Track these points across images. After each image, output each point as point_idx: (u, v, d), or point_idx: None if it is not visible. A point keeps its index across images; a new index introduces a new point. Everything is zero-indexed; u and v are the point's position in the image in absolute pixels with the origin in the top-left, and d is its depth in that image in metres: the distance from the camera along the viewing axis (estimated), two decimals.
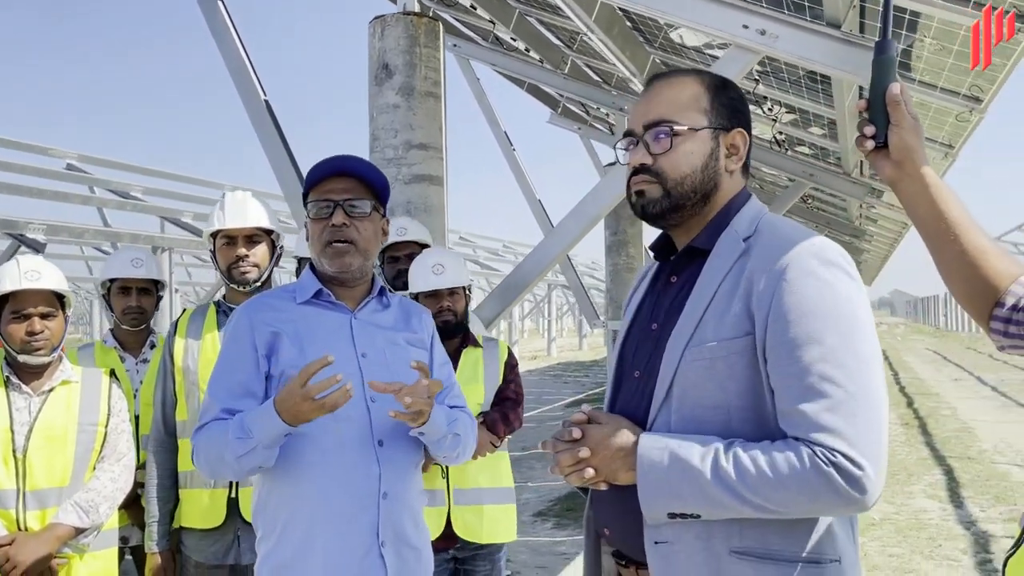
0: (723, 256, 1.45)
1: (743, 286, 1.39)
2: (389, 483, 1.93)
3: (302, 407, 1.76)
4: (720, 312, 1.40)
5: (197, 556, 2.61)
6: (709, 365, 1.39)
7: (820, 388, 1.30)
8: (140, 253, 3.40)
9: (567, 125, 10.40)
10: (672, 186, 1.48)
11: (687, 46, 5.88)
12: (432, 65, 3.83)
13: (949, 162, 5.38)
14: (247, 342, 1.95)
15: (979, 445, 9.72)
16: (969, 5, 3.03)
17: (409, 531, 1.98)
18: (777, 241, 1.41)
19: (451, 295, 2.92)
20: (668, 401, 1.43)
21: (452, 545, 2.83)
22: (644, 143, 1.50)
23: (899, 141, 1.38)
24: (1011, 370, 19.42)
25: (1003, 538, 5.93)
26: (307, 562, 1.89)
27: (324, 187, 2.00)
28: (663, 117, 1.49)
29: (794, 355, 1.32)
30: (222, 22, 4.24)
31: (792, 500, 1.30)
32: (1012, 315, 1.35)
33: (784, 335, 1.33)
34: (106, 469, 2.62)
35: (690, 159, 1.48)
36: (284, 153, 4.11)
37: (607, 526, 1.55)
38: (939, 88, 4.09)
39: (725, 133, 1.51)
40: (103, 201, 11.43)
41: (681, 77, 1.54)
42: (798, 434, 1.30)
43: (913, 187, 1.40)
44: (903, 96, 1.37)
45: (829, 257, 1.38)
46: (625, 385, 1.56)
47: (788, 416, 1.32)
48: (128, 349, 3.41)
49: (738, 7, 3.34)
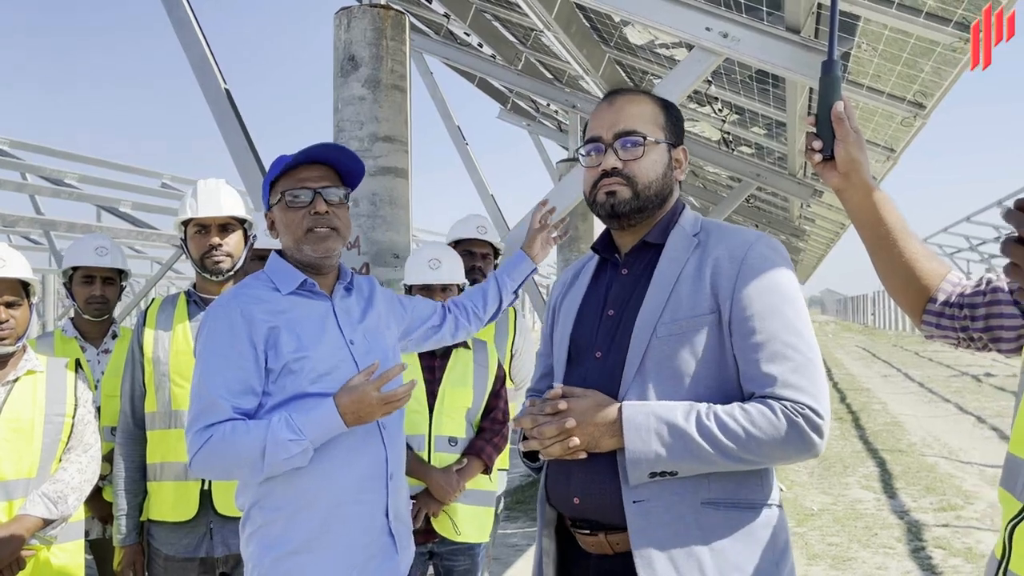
0: (678, 249, 1.67)
1: (708, 271, 1.61)
2: (393, 464, 2.04)
3: (375, 408, 1.89)
4: (687, 293, 1.60)
5: (167, 549, 2.57)
6: (680, 338, 1.58)
7: (785, 353, 1.52)
8: (104, 241, 3.30)
9: (516, 121, 10.45)
10: (641, 189, 1.68)
11: (638, 45, 5.99)
12: (398, 58, 3.83)
13: (891, 165, 5.60)
14: (244, 338, 1.93)
15: (908, 438, 10.13)
16: (921, 16, 3.18)
17: (404, 510, 2.11)
18: (729, 235, 1.66)
19: (443, 291, 2.95)
20: (640, 374, 1.59)
21: (431, 540, 2.86)
22: (613, 150, 1.69)
23: (845, 155, 1.51)
24: (935, 367, 20.23)
25: (934, 526, 6.21)
26: (324, 545, 1.92)
27: (297, 175, 2.01)
28: (634, 128, 1.69)
29: (760, 325, 1.54)
30: (182, 9, 4.16)
31: (767, 449, 1.50)
32: (944, 309, 1.50)
33: (748, 309, 1.55)
34: (73, 460, 2.57)
35: (655, 167, 1.70)
36: (245, 144, 4.06)
37: (577, 496, 1.63)
38: (885, 94, 4.27)
39: (674, 148, 1.75)
40: (36, 188, 11.04)
41: (640, 95, 1.76)
42: (767, 392, 1.51)
43: (857, 196, 1.53)
44: (847, 113, 1.50)
45: (776, 247, 1.64)
46: (584, 364, 1.71)
47: (757, 378, 1.53)
48: (89, 339, 3.33)
49: (701, 10, 3.43)
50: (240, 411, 1.89)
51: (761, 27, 3.37)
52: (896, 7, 3.22)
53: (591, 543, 1.64)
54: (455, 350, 2.97)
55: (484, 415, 2.99)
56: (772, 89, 5.47)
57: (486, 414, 2.99)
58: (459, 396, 2.91)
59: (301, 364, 1.92)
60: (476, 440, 2.94)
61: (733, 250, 1.61)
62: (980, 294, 1.47)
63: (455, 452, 2.89)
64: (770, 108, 5.97)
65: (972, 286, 1.50)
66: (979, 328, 1.46)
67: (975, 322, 1.46)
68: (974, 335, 1.47)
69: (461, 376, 2.94)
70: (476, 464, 2.89)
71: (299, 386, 1.92)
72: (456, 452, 2.89)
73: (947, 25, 3.17)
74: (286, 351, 1.92)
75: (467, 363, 2.98)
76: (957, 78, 3.65)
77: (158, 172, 14.08)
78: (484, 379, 2.99)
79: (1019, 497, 1.19)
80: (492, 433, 2.97)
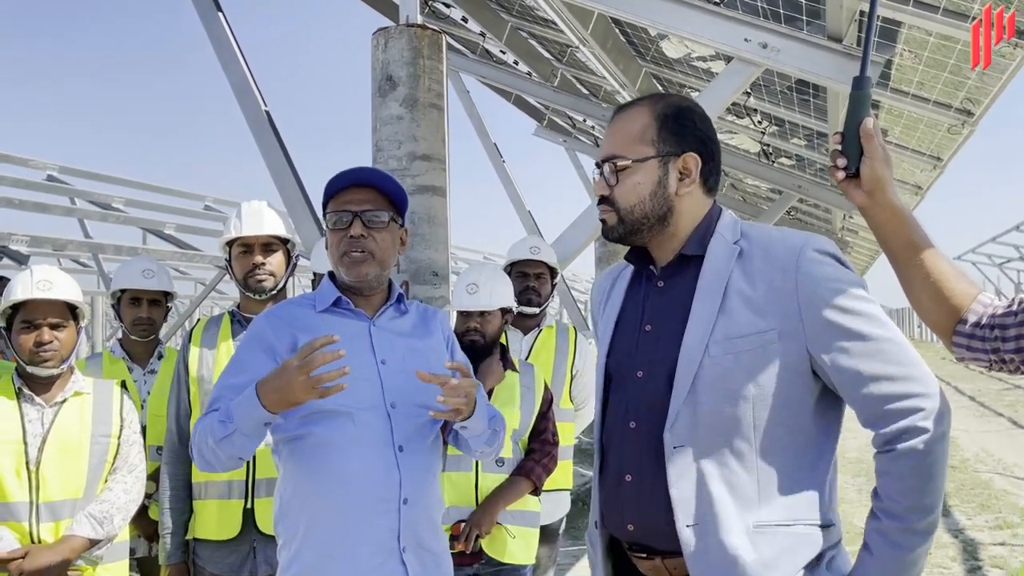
0: (720, 259, 1.57)
1: (761, 284, 1.51)
2: (409, 489, 1.95)
3: (294, 382, 1.71)
4: (738, 308, 1.51)
5: (212, 568, 2.58)
6: (735, 359, 1.49)
7: (872, 365, 1.45)
8: (151, 264, 3.38)
9: (552, 137, 10.46)
10: (624, 214, 1.62)
11: (675, 59, 5.96)
12: (435, 77, 3.84)
13: (937, 174, 5.48)
14: (261, 345, 1.96)
15: (961, 454, 9.85)
16: (968, 21, 3.11)
17: (428, 537, 2.00)
18: (774, 242, 1.55)
19: (481, 316, 2.89)
20: (692, 396, 1.51)
21: (477, 560, 2.83)
22: (603, 176, 1.64)
23: (871, 172, 1.48)
24: (987, 380, 19.70)
25: (990, 545, 6.02)
26: (330, 568, 1.90)
27: (342, 198, 2.01)
28: (612, 153, 1.62)
29: (834, 343, 1.46)
30: (222, 32, 4.23)
31: (929, 491, 1.43)
32: (975, 331, 1.46)
33: (816, 324, 1.47)
34: (119, 480, 2.60)
35: (637, 189, 1.60)
36: (286, 165, 4.10)
37: (631, 522, 1.59)
38: (932, 101, 4.18)
39: (675, 158, 1.60)
40: (85, 213, 11.31)
41: (636, 108, 1.64)
42: (879, 421, 1.44)
43: (882, 215, 1.51)
44: (875, 130, 1.47)
45: (824, 246, 1.54)
46: (625, 388, 1.63)
47: (859, 403, 1.47)
48: (136, 360, 3.39)
49: (739, 21, 3.40)
50: None
51: (801, 36, 3.32)
52: (941, 12, 3.15)
53: (649, 567, 1.60)
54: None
55: (533, 436, 2.96)
56: (812, 100, 5.39)
57: (535, 436, 2.96)
58: (506, 417, 2.87)
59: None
60: (526, 461, 2.91)
61: (782, 262, 1.51)
62: (1012, 314, 1.42)
63: (503, 472, 2.86)
64: (811, 119, 5.88)
65: (1004, 307, 1.46)
66: (1010, 349, 1.42)
67: (1006, 343, 1.42)
68: (1005, 357, 1.43)
69: (508, 398, 2.90)
70: (524, 484, 2.85)
71: (315, 402, 1.85)
72: (504, 472, 2.86)
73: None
74: None
75: (514, 385, 2.94)
76: (1007, 84, 3.56)
77: (202, 195, 14.36)
78: (531, 401, 2.95)
79: None
80: (542, 454, 2.93)
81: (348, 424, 1.90)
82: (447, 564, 2.07)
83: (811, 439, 1.52)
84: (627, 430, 1.61)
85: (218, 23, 4.25)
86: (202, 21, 4.27)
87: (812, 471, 1.51)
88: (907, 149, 5.60)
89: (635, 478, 1.58)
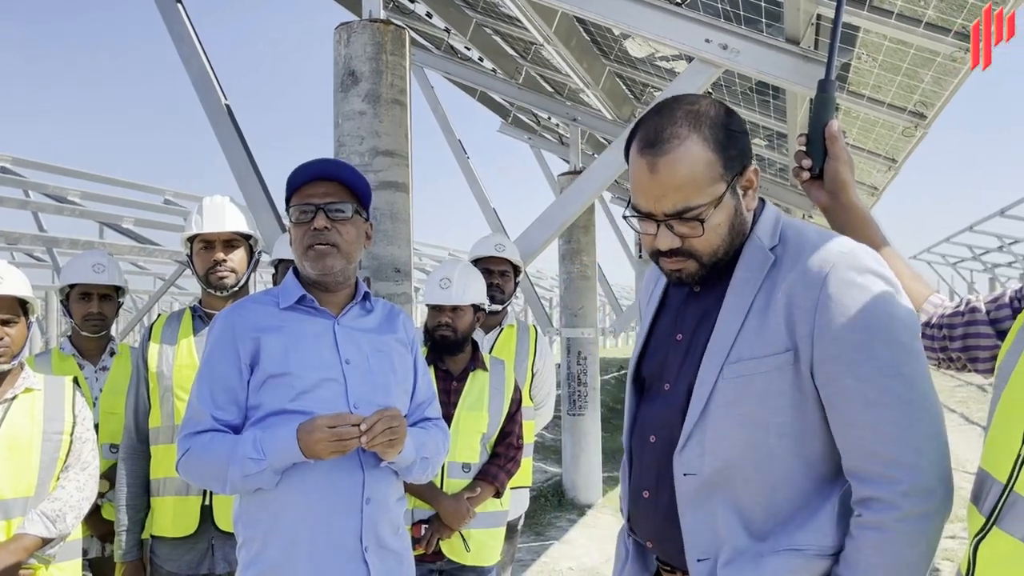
0: (752, 269, 1.43)
1: (781, 301, 1.37)
2: (372, 489, 1.95)
3: (326, 448, 1.83)
4: (757, 328, 1.39)
5: (169, 566, 2.56)
6: (748, 382, 1.38)
7: (873, 412, 1.31)
8: (102, 258, 3.29)
9: (517, 135, 10.46)
10: (708, 260, 1.44)
11: (639, 58, 5.99)
12: (398, 73, 3.83)
13: (892, 175, 5.59)
14: (230, 349, 1.94)
15: None
16: (920, 26, 3.18)
17: (390, 536, 2.01)
18: (807, 250, 1.39)
19: (453, 311, 2.88)
20: (704, 419, 1.42)
21: (439, 558, 2.83)
22: (668, 227, 1.42)
23: (834, 173, 1.51)
24: (940, 377, 20.12)
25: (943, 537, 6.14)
26: (292, 567, 1.89)
27: (305, 191, 2.00)
28: (687, 205, 1.38)
29: (844, 371, 1.32)
30: (182, 24, 4.17)
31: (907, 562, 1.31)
32: (925, 330, 1.50)
33: (831, 350, 1.33)
34: (71, 478, 2.55)
35: (719, 230, 1.41)
36: (247, 159, 4.06)
37: (650, 539, 1.57)
38: (886, 104, 4.26)
39: (740, 177, 1.43)
40: (39, 206, 11.06)
41: (685, 146, 1.37)
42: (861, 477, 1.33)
43: (844, 216, 1.54)
44: (839, 133, 1.49)
45: (864, 265, 1.36)
46: (654, 400, 1.56)
47: (847, 448, 1.35)
48: (87, 356, 3.31)
49: (701, 22, 3.43)
50: (222, 422, 1.90)
51: (760, 39, 3.37)
52: (896, 18, 3.22)
53: None
54: (473, 373, 2.92)
55: (499, 440, 2.95)
56: (773, 100, 5.47)
57: (501, 439, 2.94)
58: (475, 421, 2.86)
59: (282, 380, 1.91)
60: (489, 465, 2.90)
61: (809, 275, 1.36)
62: (959, 315, 1.47)
63: (467, 478, 2.85)
64: (771, 119, 5.97)
65: (952, 307, 1.51)
66: (957, 348, 1.47)
67: (953, 342, 1.47)
68: (953, 355, 1.48)
69: (477, 400, 2.88)
70: (488, 490, 2.85)
71: (278, 402, 1.90)
72: (468, 478, 2.85)
73: (947, 35, 3.17)
74: (268, 365, 1.91)
75: (483, 387, 2.92)
76: (958, 88, 3.65)
77: (161, 188, 14.10)
78: (500, 403, 2.94)
79: (983, 512, 1.18)
80: (505, 459, 2.93)
81: None
82: (409, 563, 2.09)
83: (827, 465, 1.40)
84: (647, 443, 1.55)
85: (177, 14, 4.19)
86: (161, 13, 4.20)
87: (828, 497, 1.40)
88: (863, 150, 5.70)
89: (652, 496, 1.52)
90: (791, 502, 1.39)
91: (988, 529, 1.15)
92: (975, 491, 1.23)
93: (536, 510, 6.99)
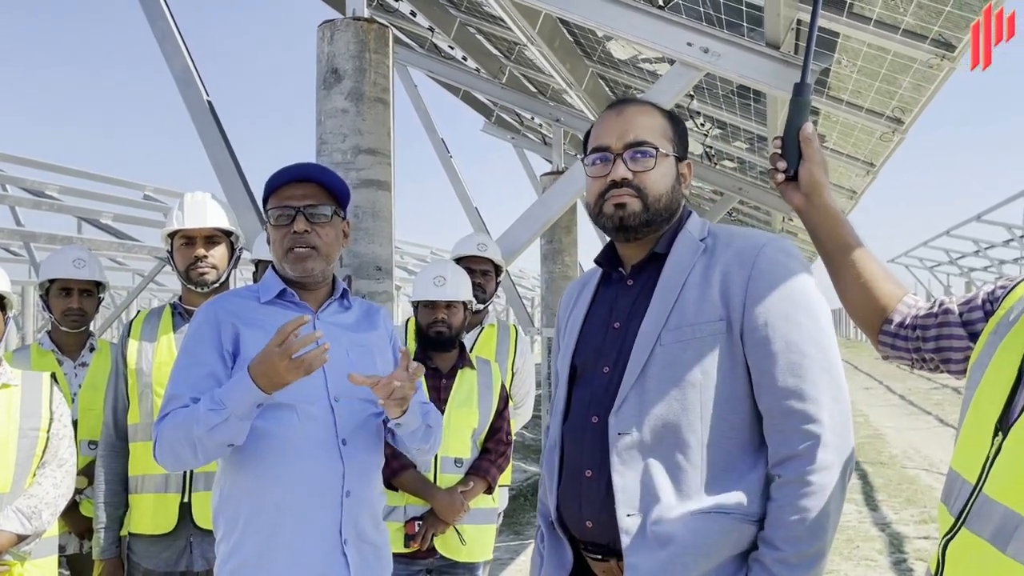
0: (684, 254, 1.60)
1: (717, 276, 1.54)
2: (352, 482, 1.96)
3: (279, 366, 1.74)
4: (693, 299, 1.54)
5: (147, 563, 2.55)
6: (683, 346, 1.52)
7: (801, 364, 1.48)
8: (82, 253, 3.27)
9: (500, 134, 10.47)
10: (651, 201, 1.61)
11: (622, 60, 6.02)
12: (381, 71, 3.83)
13: (871, 180, 5.65)
14: (212, 337, 1.95)
15: (889, 450, 10.18)
16: (898, 33, 3.22)
17: (369, 529, 2.02)
18: (738, 238, 1.59)
19: (448, 308, 2.97)
20: (640, 383, 1.54)
21: (431, 555, 2.85)
22: (623, 160, 1.61)
23: (809, 175, 1.55)
24: (917, 379, 20.36)
25: (915, 538, 6.24)
26: (271, 560, 1.90)
27: (284, 193, 2.01)
28: (645, 139, 1.61)
29: (772, 335, 1.50)
30: (164, 20, 4.14)
31: (821, 518, 1.45)
32: (899, 331, 1.54)
33: (760, 318, 1.50)
34: (48, 475, 2.54)
35: (665, 179, 1.63)
36: (228, 156, 4.04)
37: (589, 519, 1.60)
38: (865, 109, 4.31)
39: (680, 162, 1.67)
40: (17, 200, 10.94)
41: (649, 106, 1.68)
42: (779, 417, 1.48)
43: (818, 217, 1.58)
44: (813, 135, 1.54)
45: (788, 249, 1.58)
46: (592, 383, 1.64)
47: (770, 393, 1.49)
48: (66, 352, 3.29)
49: (683, 25, 3.46)
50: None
51: (741, 43, 3.40)
52: (874, 24, 3.26)
53: (603, 569, 1.61)
54: (461, 371, 3.00)
55: (488, 436, 3.02)
56: (753, 104, 5.51)
57: (491, 435, 3.02)
58: (465, 417, 2.93)
59: None
60: (480, 461, 2.97)
61: (742, 254, 1.55)
62: (932, 316, 1.50)
63: (459, 472, 2.91)
64: (752, 123, 6.01)
65: (926, 308, 1.53)
66: (930, 349, 1.49)
67: (926, 343, 1.49)
68: (926, 356, 1.51)
69: (467, 397, 2.96)
70: (480, 485, 2.92)
71: None
72: (460, 472, 2.91)
73: (924, 42, 3.21)
74: (248, 356, 1.90)
75: (472, 384, 3.00)
76: (935, 94, 3.70)
77: (141, 184, 13.98)
78: (489, 400, 3.02)
79: (952, 512, 1.20)
80: (496, 454, 3.00)
81: (291, 417, 1.91)
82: (387, 557, 2.10)
83: (755, 433, 1.52)
84: (588, 425, 1.61)
85: (159, 10, 4.16)
86: (143, 8, 4.18)
87: (754, 466, 1.51)
88: (843, 155, 5.76)
89: (595, 474, 1.57)
90: (720, 466, 1.51)
91: (957, 529, 1.18)
92: (945, 491, 1.25)
93: (515, 509, 7.01)
